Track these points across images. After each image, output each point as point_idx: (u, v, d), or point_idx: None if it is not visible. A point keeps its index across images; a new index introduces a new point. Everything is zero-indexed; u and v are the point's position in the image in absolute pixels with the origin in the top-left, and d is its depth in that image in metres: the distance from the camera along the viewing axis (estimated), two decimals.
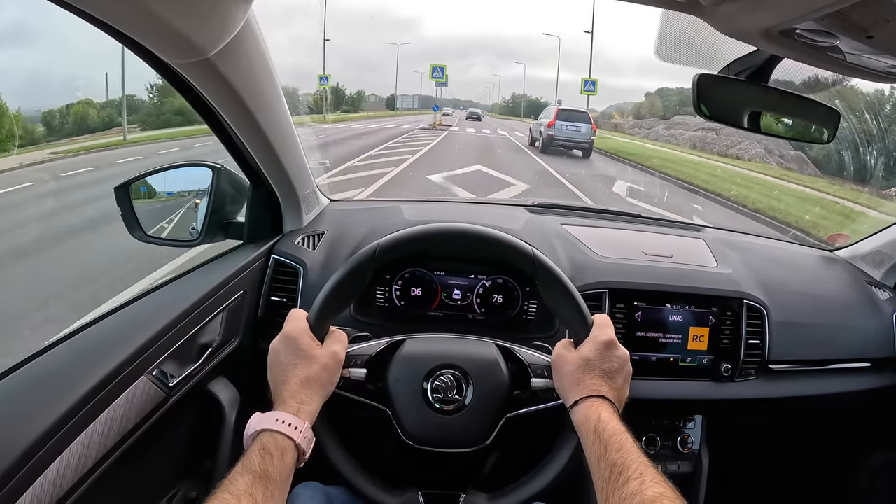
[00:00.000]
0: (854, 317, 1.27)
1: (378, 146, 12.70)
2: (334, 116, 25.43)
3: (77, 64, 14.03)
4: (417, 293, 1.13)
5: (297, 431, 0.68)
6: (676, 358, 1.13)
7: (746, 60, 0.80)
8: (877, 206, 7.30)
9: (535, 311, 1.13)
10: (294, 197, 1.19)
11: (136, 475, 0.82)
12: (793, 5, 0.53)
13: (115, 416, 0.73)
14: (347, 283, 0.84)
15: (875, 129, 6.57)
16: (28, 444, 0.62)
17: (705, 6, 0.60)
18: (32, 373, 0.73)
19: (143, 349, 0.80)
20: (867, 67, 0.68)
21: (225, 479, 0.61)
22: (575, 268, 1.16)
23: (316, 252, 1.18)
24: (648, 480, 0.60)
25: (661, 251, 1.27)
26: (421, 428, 0.83)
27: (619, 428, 0.69)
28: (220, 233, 1.14)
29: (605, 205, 3.50)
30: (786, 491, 1.57)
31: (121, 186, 1.05)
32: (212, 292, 0.98)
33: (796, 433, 1.47)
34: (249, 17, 0.76)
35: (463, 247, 0.93)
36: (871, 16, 0.53)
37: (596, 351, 0.77)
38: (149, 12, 0.59)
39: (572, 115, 13.56)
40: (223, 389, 1.00)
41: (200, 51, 0.70)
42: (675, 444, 1.19)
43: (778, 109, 0.88)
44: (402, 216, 1.30)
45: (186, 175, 1.15)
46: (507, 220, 1.30)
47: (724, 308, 1.15)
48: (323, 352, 0.78)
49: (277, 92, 0.96)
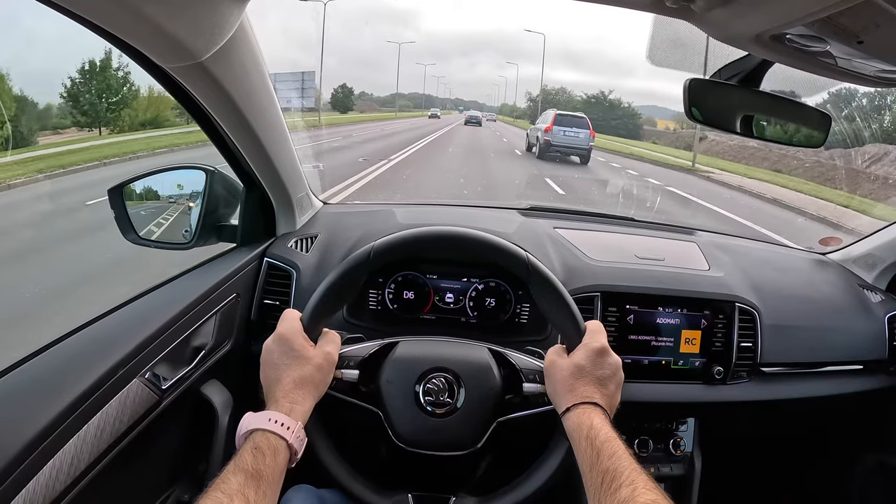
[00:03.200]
0: (846, 319, 1.28)
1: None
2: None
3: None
4: (410, 296, 1.13)
5: (290, 431, 0.68)
6: (668, 361, 1.14)
7: (738, 65, 0.80)
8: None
9: (527, 315, 1.13)
10: (287, 200, 1.19)
11: (128, 478, 0.82)
12: (783, 10, 0.54)
13: (107, 419, 0.73)
14: (342, 284, 0.85)
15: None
16: (20, 447, 0.62)
17: (697, 11, 0.60)
18: (25, 375, 0.73)
19: (137, 352, 0.80)
20: (857, 72, 0.69)
21: (217, 478, 0.61)
22: (567, 271, 1.16)
23: (309, 255, 1.18)
24: (640, 487, 0.61)
25: (653, 254, 1.28)
26: (412, 430, 0.83)
27: (612, 435, 0.69)
28: (213, 236, 1.14)
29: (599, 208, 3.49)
30: (778, 492, 1.57)
31: (114, 189, 1.05)
32: (205, 295, 0.98)
33: (788, 435, 1.47)
34: (243, 21, 0.77)
35: (457, 250, 0.94)
36: (862, 21, 0.53)
37: (588, 358, 0.78)
38: (143, 16, 0.59)
39: (570, 120, 13.37)
40: (216, 392, 1.00)
41: (194, 54, 0.70)
42: (667, 446, 1.19)
43: (769, 114, 0.88)
44: (396, 219, 1.30)
45: (180, 178, 1.14)
46: (500, 223, 1.30)
47: (717, 311, 1.16)
48: (316, 352, 0.78)
49: (270, 95, 0.97)
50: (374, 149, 13.27)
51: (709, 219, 7.87)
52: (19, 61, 9.84)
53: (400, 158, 11.66)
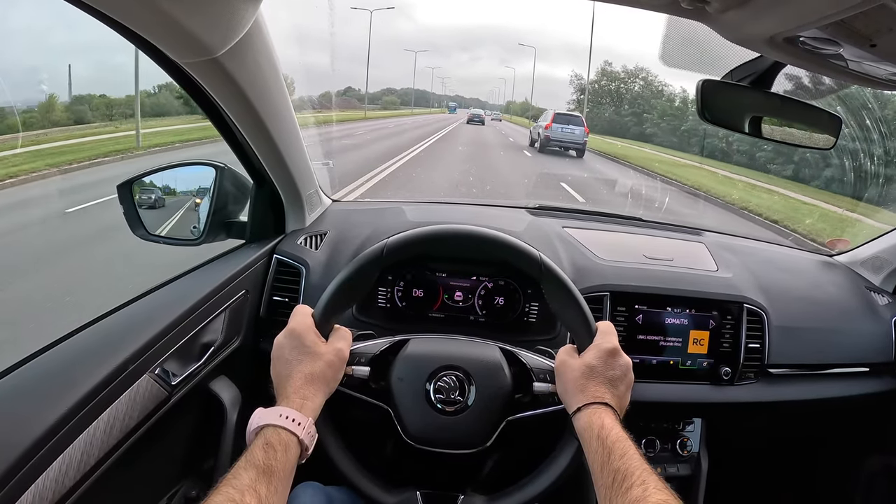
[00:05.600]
0: (853, 321, 1.28)
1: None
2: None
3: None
4: (419, 294, 1.13)
5: (301, 427, 0.68)
6: (676, 361, 1.14)
7: (750, 66, 0.81)
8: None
9: (536, 314, 1.13)
10: (297, 197, 1.19)
11: (137, 474, 0.82)
12: (798, 13, 0.54)
13: (117, 415, 0.73)
14: (354, 281, 0.85)
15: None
16: (30, 443, 0.62)
17: (711, 13, 0.61)
18: (35, 371, 0.73)
19: (146, 348, 0.80)
20: (869, 75, 0.69)
21: (228, 474, 0.61)
22: (577, 271, 1.17)
23: (318, 252, 1.18)
24: (652, 487, 0.61)
25: (661, 255, 1.28)
26: (422, 428, 0.84)
27: (622, 435, 0.69)
28: (222, 232, 1.14)
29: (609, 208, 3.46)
30: (784, 494, 1.57)
31: (123, 184, 1.05)
32: (214, 291, 0.98)
33: (795, 437, 1.47)
34: (258, 18, 0.77)
35: (471, 248, 0.94)
36: (875, 24, 0.53)
37: (600, 358, 0.78)
38: (161, 12, 0.59)
39: (567, 118, 15.35)
40: (225, 389, 1.00)
41: (209, 50, 0.71)
42: (674, 446, 1.19)
43: (780, 115, 0.88)
44: (405, 217, 1.31)
45: (189, 174, 1.15)
46: (509, 222, 1.30)
47: (725, 312, 1.16)
48: (327, 349, 0.78)
49: (283, 92, 0.97)
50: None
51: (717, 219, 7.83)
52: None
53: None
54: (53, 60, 10.53)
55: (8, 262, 4.15)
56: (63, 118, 10.06)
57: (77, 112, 10.82)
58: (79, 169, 7.52)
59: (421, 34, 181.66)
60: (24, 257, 4.28)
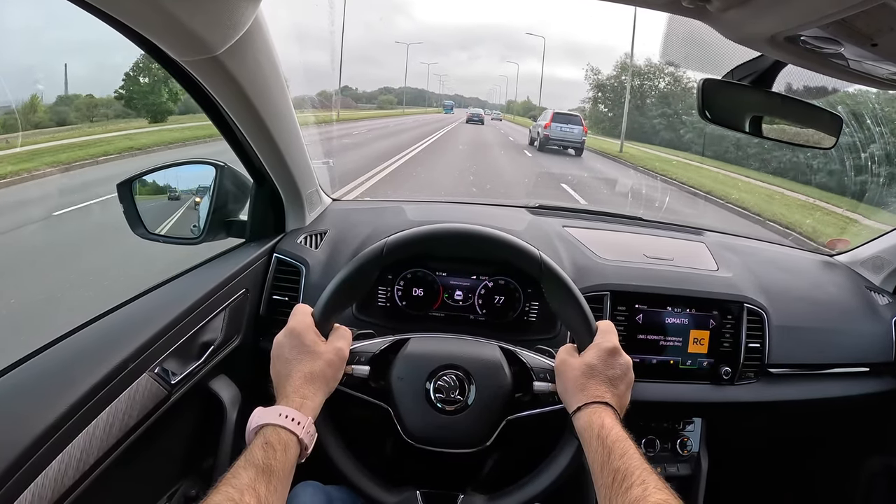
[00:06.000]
0: (853, 321, 1.28)
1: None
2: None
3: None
4: (419, 293, 1.13)
5: (300, 426, 0.68)
6: (677, 361, 1.14)
7: (751, 66, 0.81)
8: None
9: (536, 313, 1.13)
10: (297, 196, 1.19)
11: (137, 472, 0.82)
12: (799, 12, 0.54)
13: (116, 413, 0.73)
14: (354, 280, 0.84)
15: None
16: (30, 441, 0.62)
17: (712, 12, 0.60)
18: (34, 370, 0.72)
19: (146, 347, 0.80)
20: (870, 74, 0.69)
21: (227, 473, 0.61)
22: (577, 270, 1.17)
23: (318, 251, 1.18)
24: (652, 486, 0.61)
25: (662, 254, 1.28)
26: (422, 427, 0.83)
27: (623, 435, 0.69)
28: (222, 231, 1.14)
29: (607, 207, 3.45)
30: (784, 494, 1.57)
31: (123, 183, 1.05)
32: (214, 290, 0.98)
33: (795, 437, 1.47)
34: (258, 16, 0.77)
35: (471, 247, 0.94)
36: (876, 24, 0.53)
37: (600, 357, 0.78)
38: (161, 10, 0.59)
39: (566, 117, 15.60)
40: (224, 387, 1.00)
41: (210, 48, 0.71)
42: (674, 446, 1.19)
43: (781, 115, 0.88)
44: (405, 216, 1.31)
45: (189, 173, 1.14)
46: (510, 221, 1.30)
47: (725, 311, 1.16)
48: (327, 348, 0.78)
49: (283, 90, 0.97)
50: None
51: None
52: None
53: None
54: (49, 59, 10.30)
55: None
56: (45, 119, 9.84)
57: (59, 113, 10.58)
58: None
59: (420, 32, 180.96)
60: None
